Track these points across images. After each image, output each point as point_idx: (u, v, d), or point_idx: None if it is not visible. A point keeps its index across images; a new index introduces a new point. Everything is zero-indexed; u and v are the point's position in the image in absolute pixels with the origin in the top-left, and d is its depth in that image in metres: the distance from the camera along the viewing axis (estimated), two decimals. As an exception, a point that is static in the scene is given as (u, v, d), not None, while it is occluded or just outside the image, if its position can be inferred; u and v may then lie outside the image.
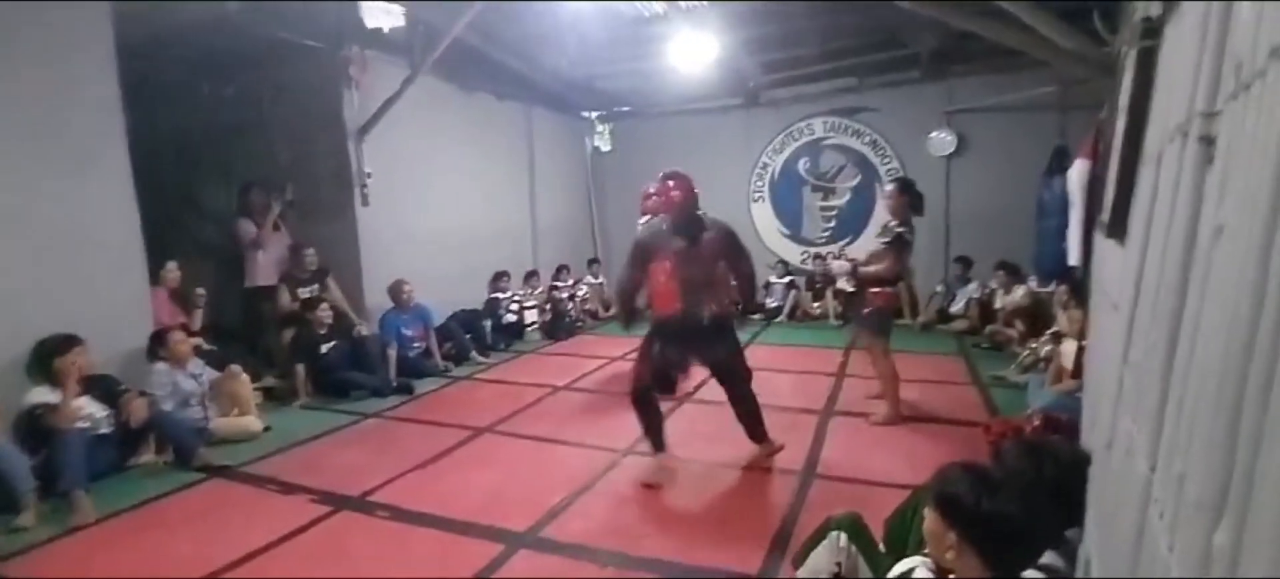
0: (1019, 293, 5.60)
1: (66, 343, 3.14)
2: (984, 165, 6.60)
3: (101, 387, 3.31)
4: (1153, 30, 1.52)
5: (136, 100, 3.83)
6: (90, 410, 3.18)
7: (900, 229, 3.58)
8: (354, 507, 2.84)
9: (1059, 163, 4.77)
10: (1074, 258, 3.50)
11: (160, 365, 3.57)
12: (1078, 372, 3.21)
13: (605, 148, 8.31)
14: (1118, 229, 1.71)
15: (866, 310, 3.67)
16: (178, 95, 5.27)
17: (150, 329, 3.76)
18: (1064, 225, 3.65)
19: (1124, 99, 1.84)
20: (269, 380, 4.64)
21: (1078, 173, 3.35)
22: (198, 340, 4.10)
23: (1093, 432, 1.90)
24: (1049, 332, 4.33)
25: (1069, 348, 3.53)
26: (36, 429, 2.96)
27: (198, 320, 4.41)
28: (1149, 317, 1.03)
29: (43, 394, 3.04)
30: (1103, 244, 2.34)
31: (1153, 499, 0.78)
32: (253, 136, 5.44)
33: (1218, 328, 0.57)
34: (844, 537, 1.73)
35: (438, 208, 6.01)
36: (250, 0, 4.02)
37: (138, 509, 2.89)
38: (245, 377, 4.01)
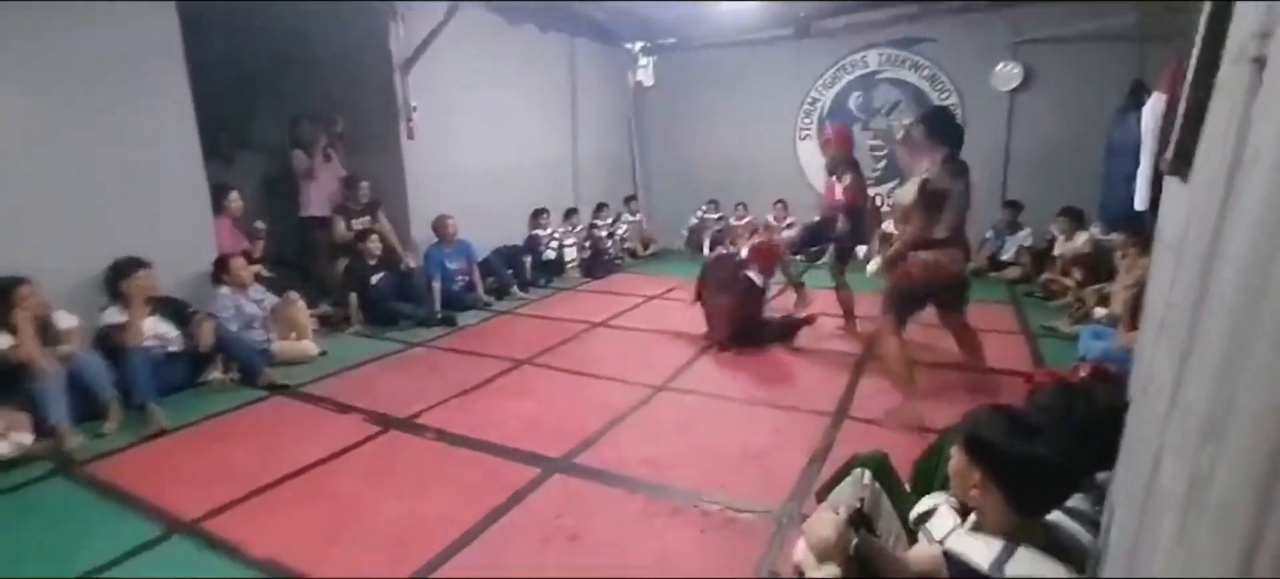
0: (1080, 239, 5.29)
1: (131, 265, 3.35)
2: (1052, 101, 6.13)
3: (172, 309, 3.57)
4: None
5: (194, 34, 3.94)
6: (160, 330, 3.44)
7: (924, 177, 2.82)
8: (402, 427, 3.04)
9: (1136, 99, 4.40)
10: (1141, 202, 3.27)
11: (223, 289, 3.82)
12: (1134, 322, 3.06)
13: (648, 82, 8.09)
14: (1181, 165, 1.59)
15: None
16: (233, 28, 5.37)
17: (213, 256, 3.99)
18: (1136, 167, 3.39)
19: (1203, 24, 1.66)
20: (324, 308, 4.91)
21: (1152, 108, 3.10)
22: (258, 267, 4.36)
23: (1136, 378, 1.84)
24: (1096, 287, 4.10)
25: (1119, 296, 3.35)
26: (108, 347, 3.24)
27: (258, 249, 4.67)
28: (1192, 253, 0.98)
29: (113, 315, 3.30)
30: (1169, 183, 2.18)
31: (1168, 431, 0.77)
32: (305, 69, 5.53)
33: (1235, 256, 0.55)
34: (868, 473, 1.74)
35: (480, 142, 6.03)
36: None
37: (208, 421, 3.18)
38: (302, 303, 4.27)
